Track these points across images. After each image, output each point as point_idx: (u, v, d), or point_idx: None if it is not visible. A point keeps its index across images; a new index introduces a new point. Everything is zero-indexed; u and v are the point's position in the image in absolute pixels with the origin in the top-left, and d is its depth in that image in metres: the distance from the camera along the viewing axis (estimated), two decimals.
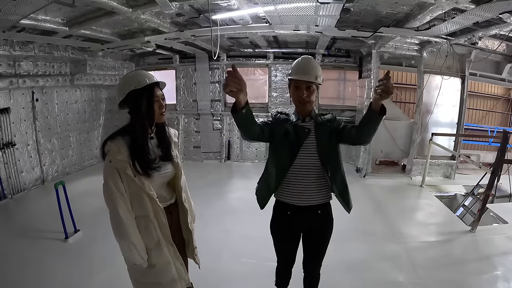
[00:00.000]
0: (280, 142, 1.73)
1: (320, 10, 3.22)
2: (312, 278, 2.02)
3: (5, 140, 4.51)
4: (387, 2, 3.27)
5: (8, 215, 4.07)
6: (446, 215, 4.20)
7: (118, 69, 6.35)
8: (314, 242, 1.89)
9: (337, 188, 1.75)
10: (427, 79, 5.52)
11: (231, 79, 1.29)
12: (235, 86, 1.29)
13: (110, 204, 1.44)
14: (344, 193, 1.78)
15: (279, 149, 1.74)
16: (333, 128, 1.73)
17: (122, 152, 1.44)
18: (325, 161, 1.70)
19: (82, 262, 2.91)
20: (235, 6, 3.28)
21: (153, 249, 1.52)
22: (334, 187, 1.74)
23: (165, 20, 3.92)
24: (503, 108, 8.99)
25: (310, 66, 1.70)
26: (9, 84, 4.43)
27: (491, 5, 2.76)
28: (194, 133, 7.06)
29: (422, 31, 3.86)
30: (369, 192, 4.97)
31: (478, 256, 3.13)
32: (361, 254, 3.14)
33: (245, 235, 3.45)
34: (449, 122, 5.81)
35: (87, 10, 3.36)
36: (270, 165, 1.80)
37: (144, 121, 1.51)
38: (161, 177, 1.58)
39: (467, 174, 5.95)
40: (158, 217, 1.52)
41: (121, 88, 1.51)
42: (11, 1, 2.43)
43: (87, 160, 6.23)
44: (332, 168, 1.72)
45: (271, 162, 1.79)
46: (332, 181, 1.72)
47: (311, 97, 1.70)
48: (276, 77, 6.68)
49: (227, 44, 5.91)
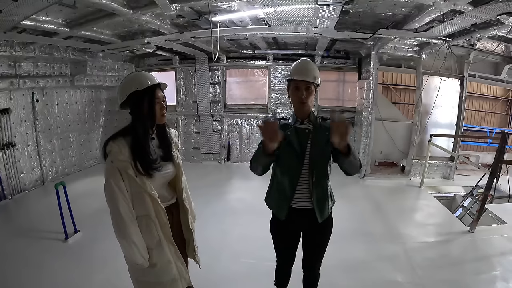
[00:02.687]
0: (285, 153, 1.73)
1: (319, 12, 3.23)
2: (312, 278, 2.04)
3: (5, 141, 4.52)
4: (386, 4, 3.29)
5: (8, 216, 4.08)
6: (445, 216, 4.21)
7: (118, 70, 6.37)
8: (314, 242, 1.91)
9: (316, 196, 1.75)
10: (426, 80, 5.55)
11: (271, 131, 1.49)
12: (270, 137, 1.49)
13: (111, 203, 1.45)
14: (321, 203, 1.77)
15: (287, 161, 1.75)
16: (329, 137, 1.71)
17: (124, 153, 1.45)
18: (313, 166, 1.72)
19: (82, 263, 2.91)
20: (235, 8, 3.30)
21: (154, 249, 1.53)
22: (313, 193, 1.74)
23: (166, 21, 3.93)
24: (502, 109, 9.02)
25: (309, 68, 1.74)
26: (10, 85, 4.45)
27: (489, 7, 2.77)
28: (194, 134, 7.07)
29: (420, 33, 3.89)
30: (368, 193, 4.98)
31: (476, 257, 3.14)
32: (360, 254, 3.15)
33: (245, 235, 3.45)
34: (448, 123, 5.82)
35: (88, 11, 3.37)
36: (280, 174, 1.80)
37: (145, 122, 1.52)
38: (162, 177, 1.59)
39: (466, 175, 5.97)
40: (159, 216, 1.53)
41: (123, 89, 1.52)
42: (13, 2, 2.44)
43: (87, 161, 6.23)
44: (318, 175, 1.74)
45: (280, 172, 1.80)
46: (314, 187, 1.73)
47: (310, 98, 1.73)
48: (275, 79, 6.68)
49: (227, 45, 5.93)
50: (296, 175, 1.74)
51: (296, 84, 1.73)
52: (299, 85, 1.72)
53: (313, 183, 1.73)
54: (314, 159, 1.72)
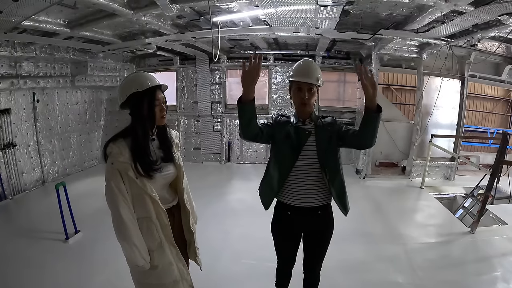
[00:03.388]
0: (281, 145, 1.75)
1: (320, 13, 3.23)
2: (312, 279, 2.03)
3: (6, 141, 4.52)
4: (387, 5, 3.28)
5: (9, 216, 4.08)
6: (446, 217, 4.20)
7: (118, 71, 6.37)
8: (315, 242, 1.90)
9: (336, 191, 1.76)
10: (427, 81, 5.54)
11: (255, 66, 1.42)
12: (255, 74, 1.43)
13: (112, 206, 1.45)
14: (342, 197, 1.79)
15: (281, 152, 1.76)
16: (333, 131, 1.75)
17: (124, 154, 1.45)
18: (324, 163, 1.72)
19: (83, 263, 2.91)
20: (235, 8, 3.30)
21: (155, 251, 1.53)
22: (332, 190, 1.75)
23: (166, 22, 3.93)
24: (503, 110, 9.01)
25: (312, 69, 1.73)
26: (10, 85, 4.45)
27: (490, 7, 2.77)
28: (195, 134, 7.07)
29: (421, 33, 3.88)
30: (369, 193, 4.97)
31: (477, 257, 3.13)
32: (361, 255, 3.14)
33: (245, 236, 3.46)
34: (448, 123, 5.82)
35: (89, 12, 3.37)
36: (272, 167, 1.81)
37: (145, 123, 1.51)
38: (163, 178, 1.58)
39: (467, 176, 5.95)
40: (160, 218, 1.53)
41: (123, 90, 1.51)
42: (13, 2, 2.44)
43: (87, 161, 6.24)
44: (331, 171, 1.73)
45: (273, 165, 1.81)
46: (331, 184, 1.74)
47: (312, 99, 1.73)
48: (276, 79, 6.69)
49: (227, 46, 5.93)
50: (286, 170, 1.73)
51: (298, 85, 1.73)
52: (301, 86, 1.72)
53: (329, 180, 1.72)
54: (323, 158, 1.71)
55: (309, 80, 1.70)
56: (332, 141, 1.73)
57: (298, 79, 1.72)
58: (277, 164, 1.78)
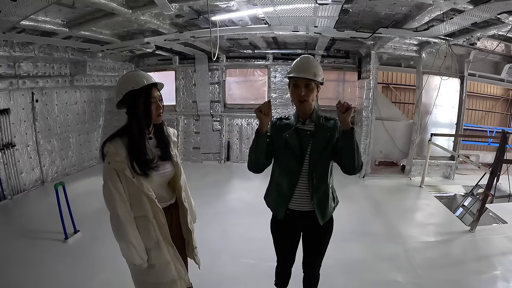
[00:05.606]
0: (282, 155, 1.71)
1: (319, 11, 3.23)
2: (312, 278, 2.03)
3: (5, 141, 4.51)
4: (386, 3, 3.28)
5: (8, 216, 4.07)
6: (446, 216, 4.20)
7: (117, 70, 6.36)
8: (314, 242, 1.89)
9: (317, 198, 1.71)
10: (426, 80, 5.53)
11: (266, 105, 1.58)
12: (266, 110, 1.57)
13: (109, 205, 1.45)
14: (323, 207, 1.74)
15: (286, 157, 1.71)
16: (331, 138, 1.69)
17: (121, 153, 1.45)
18: (313, 167, 1.68)
19: (82, 263, 2.91)
20: (234, 7, 3.29)
21: (152, 250, 1.53)
22: (314, 196, 1.70)
23: (165, 21, 3.93)
24: (502, 109, 8.99)
25: (309, 64, 1.68)
26: (9, 85, 4.44)
27: (489, 6, 2.77)
28: (194, 134, 7.07)
29: (420, 32, 3.87)
30: (368, 192, 4.97)
31: (477, 256, 3.13)
32: (360, 254, 3.14)
33: (245, 236, 3.44)
34: (448, 122, 5.81)
35: (87, 11, 3.36)
36: (278, 174, 1.78)
37: (141, 121, 1.51)
38: (161, 176, 1.58)
39: (467, 175, 5.96)
40: (157, 217, 1.53)
41: (119, 89, 1.51)
42: (12, 2, 2.43)
43: (86, 161, 6.23)
44: (318, 178, 1.69)
45: (279, 171, 1.77)
46: (314, 190, 1.69)
47: (310, 96, 1.66)
48: (275, 78, 6.69)
49: (226, 45, 5.92)
50: (294, 177, 1.70)
51: (295, 82, 1.67)
52: (298, 83, 1.66)
53: (313, 186, 1.69)
54: (314, 161, 1.68)
55: (305, 75, 1.64)
56: (327, 149, 1.68)
57: (294, 75, 1.67)
58: (284, 173, 1.74)
